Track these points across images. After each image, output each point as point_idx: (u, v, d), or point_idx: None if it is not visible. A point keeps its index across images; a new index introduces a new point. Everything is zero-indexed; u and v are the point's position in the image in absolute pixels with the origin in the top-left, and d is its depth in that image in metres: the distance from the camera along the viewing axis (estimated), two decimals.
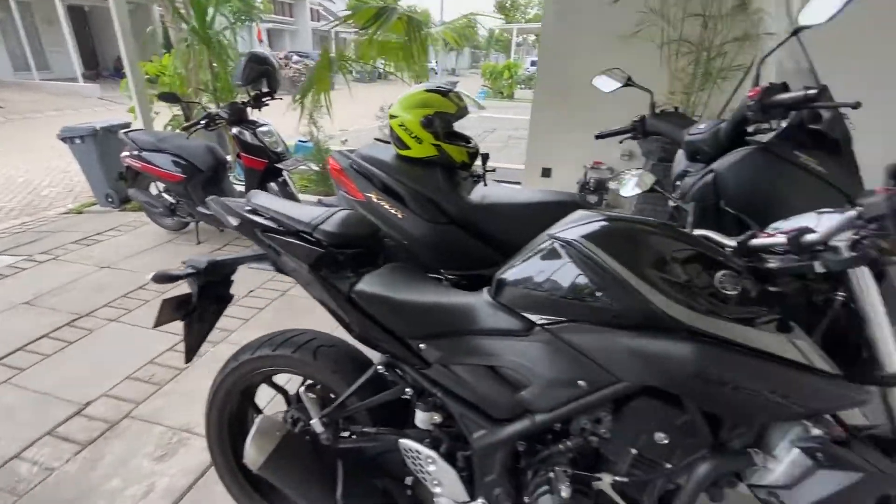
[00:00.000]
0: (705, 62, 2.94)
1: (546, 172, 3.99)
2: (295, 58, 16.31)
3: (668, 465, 0.89)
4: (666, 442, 0.87)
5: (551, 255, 0.89)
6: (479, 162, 1.93)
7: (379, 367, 1.12)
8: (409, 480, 1.21)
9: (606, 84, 1.70)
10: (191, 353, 1.23)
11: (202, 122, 3.25)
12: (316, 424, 1.17)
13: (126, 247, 3.56)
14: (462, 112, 1.79)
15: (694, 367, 0.77)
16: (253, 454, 1.12)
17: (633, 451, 0.90)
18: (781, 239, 0.83)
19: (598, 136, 1.72)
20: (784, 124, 1.22)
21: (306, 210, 1.14)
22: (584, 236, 0.86)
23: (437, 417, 1.07)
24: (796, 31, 1.19)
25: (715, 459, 0.84)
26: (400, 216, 1.75)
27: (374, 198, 1.81)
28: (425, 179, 1.75)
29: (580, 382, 0.87)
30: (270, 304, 2.80)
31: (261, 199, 1.20)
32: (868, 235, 0.75)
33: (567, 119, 3.65)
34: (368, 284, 1.07)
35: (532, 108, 3.94)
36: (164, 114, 4.87)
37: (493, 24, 22.04)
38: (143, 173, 3.46)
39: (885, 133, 2.72)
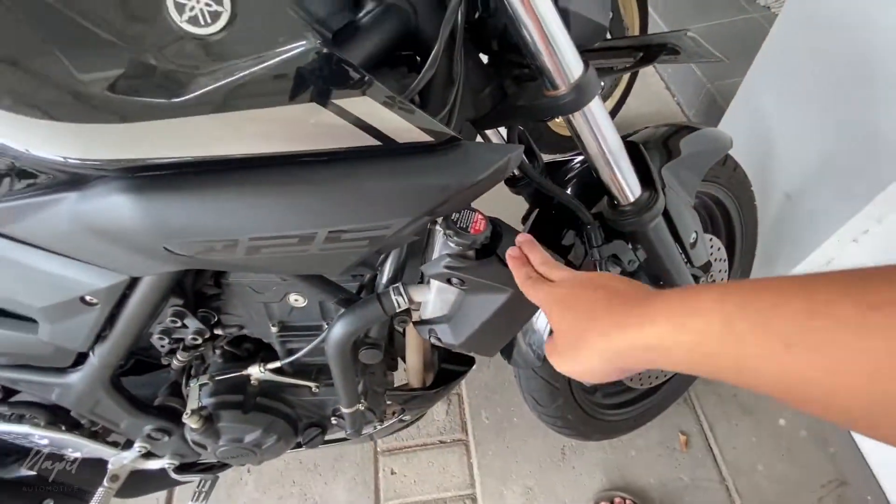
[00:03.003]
0: None
1: None
2: None
3: (326, 324, 0.66)
4: (304, 302, 0.63)
5: None
6: None
7: None
8: None
9: None
10: None
11: None
12: None
13: None
14: None
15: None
16: None
17: (275, 328, 0.66)
18: None
19: None
20: None
21: None
22: None
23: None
24: None
25: (348, 315, 0.59)
26: None
27: None
28: None
29: (88, 299, 0.52)
30: None
31: None
32: None
33: None
34: None
35: None
36: None
37: None
38: None
39: None
